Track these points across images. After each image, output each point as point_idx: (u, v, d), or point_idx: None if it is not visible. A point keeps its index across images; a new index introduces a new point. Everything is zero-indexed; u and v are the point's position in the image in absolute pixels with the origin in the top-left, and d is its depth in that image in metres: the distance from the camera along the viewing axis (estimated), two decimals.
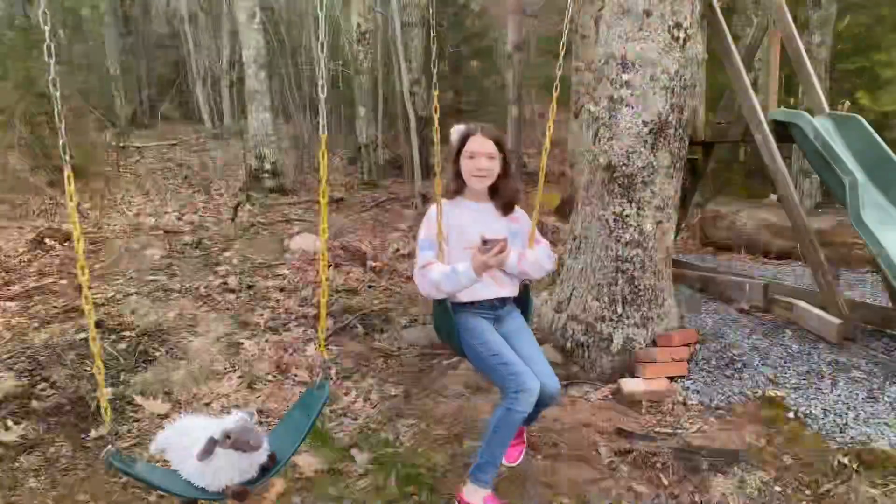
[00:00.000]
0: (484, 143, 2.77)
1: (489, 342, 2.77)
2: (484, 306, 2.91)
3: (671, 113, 3.70)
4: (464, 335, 2.84)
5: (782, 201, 4.56)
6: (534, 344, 2.94)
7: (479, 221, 2.83)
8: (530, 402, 2.63)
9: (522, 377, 2.63)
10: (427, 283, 2.71)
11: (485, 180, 2.82)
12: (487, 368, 2.79)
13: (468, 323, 2.86)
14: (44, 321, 4.86)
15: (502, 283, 2.93)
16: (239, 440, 2.16)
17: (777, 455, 3.26)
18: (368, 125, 12.58)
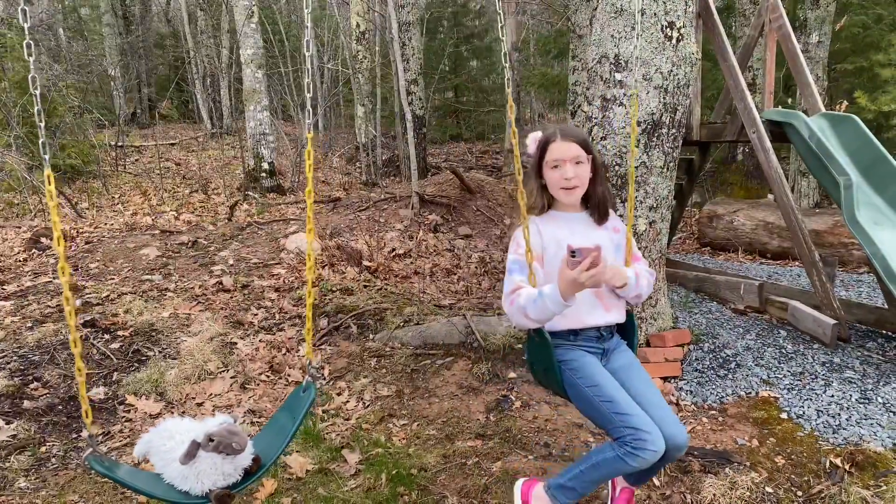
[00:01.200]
0: (568, 147, 2.41)
1: (601, 385, 2.34)
2: (589, 337, 2.50)
3: (664, 112, 3.68)
4: (566, 373, 2.43)
5: (777, 201, 4.55)
6: (649, 382, 2.49)
7: (577, 233, 2.45)
8: (650, 461, 2.21)
9: (645, 434, 2.19)
10: (515, 310, 2.29)
11: (576, 191, 2.45)
12: (597, 416, 2.36)
13: (571, 357, 2.45)
14: (37, 320, 4.86)
15: (611, 307, 2.52)
16: (222, 443, 2.14)
17: (769, 456, 3.24)
18: (367, 125, 12.57)
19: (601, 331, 2.52)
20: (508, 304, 2.33)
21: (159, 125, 17.67)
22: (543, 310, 2.20)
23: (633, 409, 2.26)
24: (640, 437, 2.19)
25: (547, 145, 2.44)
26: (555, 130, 2.47)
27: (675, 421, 2.35)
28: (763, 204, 8.02)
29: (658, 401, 2.40)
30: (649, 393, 2.42)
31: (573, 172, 2.40)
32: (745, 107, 4.66)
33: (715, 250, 7.92)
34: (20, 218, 8.88)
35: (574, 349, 2.47)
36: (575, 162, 2.41)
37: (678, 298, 4.78)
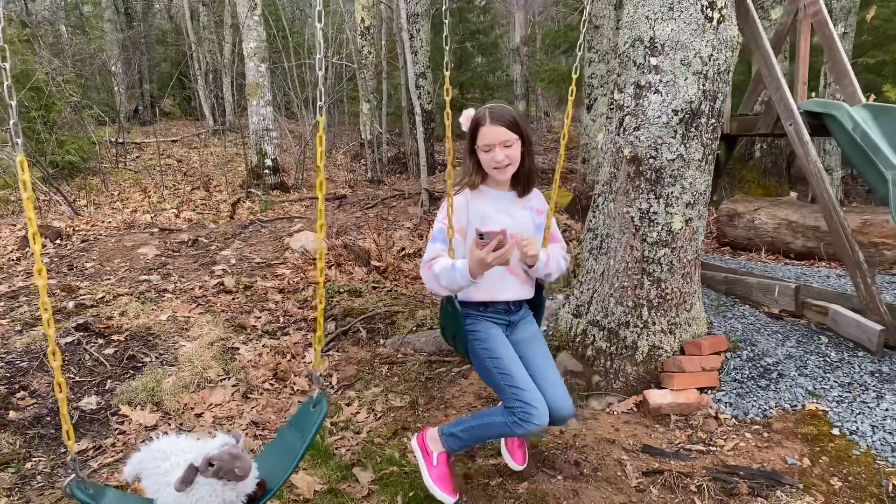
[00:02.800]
0: (496, 132, 2.52)
1: (501, 358, 2.55)
2: (499, 309, 2.69)
3: (704, 100, 3.38)
4: (472, 341, 2.64)
5: (817, 197, 4.25)
6: (548, 358, 2.72)
7: (502, 211, 2.63)
8: (532, 432, 2.48)
9: (532, 409, 2.42)
10: (431, 276, 2.48)
11: (507, 170, 2.59)
12: (494, 385, 2.59)
13: (478, 328, 2.65)
14: (27, 324, 4.57)
15: (523, 282, 2.70)
16: (223, 468, 1.87)
17: (824, 477, 2.95)
18: (372, 121, 12.28)
19: (510, 304, 2.70)
20: (426, 269, 2.50)
21: (161, 122, 17.42)
22: (453, 281, 2.39)
23: (527, 385, 2.47)
24: (528, 412, 2.41)
25: (477, 129, 2.56)
26: (484, 113, 2.56)
27: (565, 395, 2.59)
28: (785, 202, 7.72)
29: (552, 376, 2.62)
30: (545, 367, 2.64)
31: (502, 155, 2.53)
32: (780, 97, 4.36)
33: (735, 250, 7.61)
34: (16, 216, 8.61)
35: (482, 320, 2.65)
36: (504, 145, 2.53)
37: (709, 302, 4.48)
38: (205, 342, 4.46)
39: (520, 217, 2.67)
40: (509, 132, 2.53)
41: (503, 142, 2.53)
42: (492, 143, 2.52)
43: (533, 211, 2.73)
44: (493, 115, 2.54)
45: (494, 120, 2.53)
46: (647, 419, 3.48)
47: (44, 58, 12.16)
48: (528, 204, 2.72)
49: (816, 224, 6.80)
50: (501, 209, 2.63)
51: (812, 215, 6.94)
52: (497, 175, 2.59)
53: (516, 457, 3.00)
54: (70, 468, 1.78)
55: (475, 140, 2.57)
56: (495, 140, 2.52)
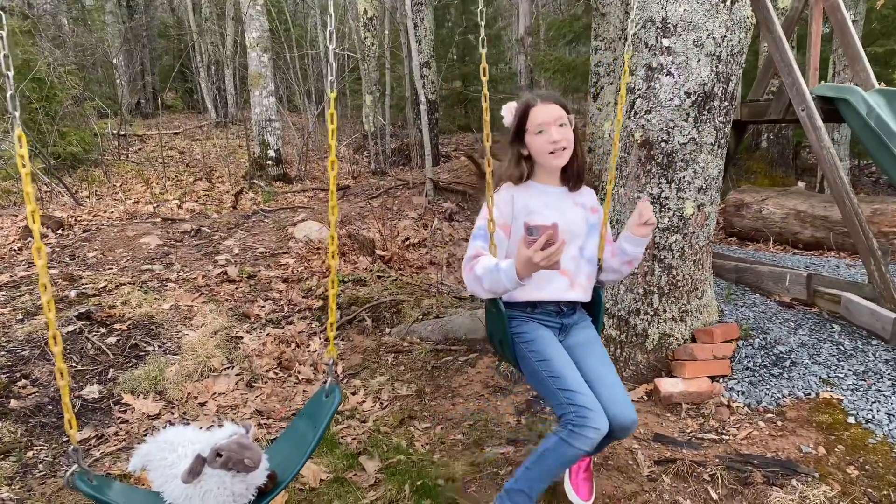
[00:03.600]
0: (550, 109, 2.30)
1: (551, 360, 2.26)
2: (548, 311, 2.41)
3: (717, 83, 3.31)
4: (519, 346, 2.36)
5: (829, 184, 4.18)
6: (606, 362, 2.40)
7: (552, 206, 2.36)
8: (592, 441, 2.12)
9: (587, 412, 2.12)
10: (472, 278, 2.20)
11: (564, 154, 2.33)
12: (544, 391, 2.29)
13: (525, 329, 2.37)
14: (29, 312, 4.52)
15: (576, 285, 2.41)
16: (232, 459, 1.80)
17: (840, 466, 2.88)
18: (375, 113, 12.21)
19: (560, 306, 2.43)
20: (467, 269, 2.24)
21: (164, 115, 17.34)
22: (497, 283, 2.11)
23: (580, 388, 2.19)
24: (582, 415, 2.12)
25: (527, 111, 2.35)
26: (532, 96, 2.37)
27: (625, 401, 2.27)
28: (793, 192, 7.64)
29: (610, 380, 2.32)
30: (601, 371, 2.34)
31: (559, 135, 2.31)
32: (793, 82, 4.29)
33: (742, 240, 7.55)
34: (18, 206, 8.55)
35: (529, 321, 2.40)
36: (559, 124, 2.31)
37: (719, 290, 4.42)
38: (208, 331, 4.40)
39: (571, 214, 2.40)
40: (562, 110, 2.32)
41: (557, 119, 2.30)
42: (546, 122, 2.29)
43: (586, 209, 2.46)
44: (542, 96, 2.35)
45: (545, 99, 2.33)
46: (658, 408, 3.43)
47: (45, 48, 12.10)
48: (579, 200, 2.46)
49: (825, 214, 6.73)
50: (551, 204, 2.37)
51: (820, 205, 6.87)
52: (553, 161, 2.33)
53: (581, 490, 2.61)
54: (72, 459, 1.72)
55: (524, 125, 2.34)
56: (550, 118, 2.29)
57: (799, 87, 4.25)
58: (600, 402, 2.18)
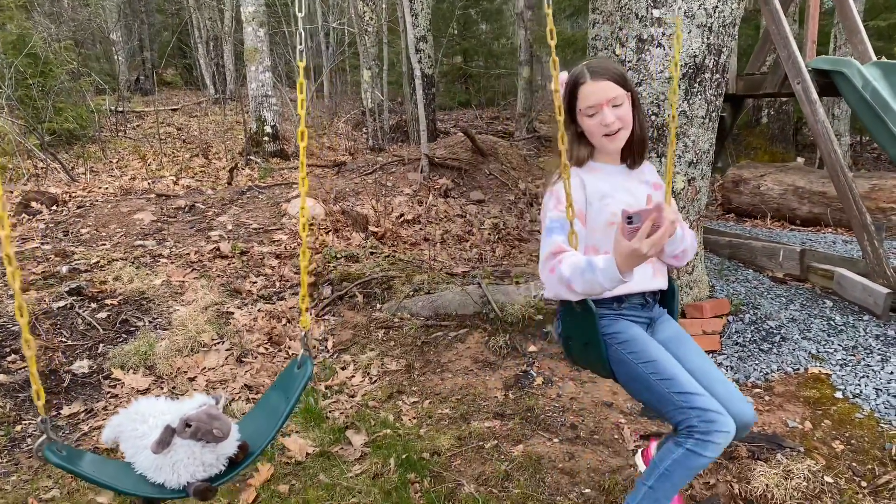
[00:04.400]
0: (602, 88, 2.02)
1: (657, 361, 1.99)
2: (634, 305, 2.16)
3: (708, 55, 3.26)
4: (613, 349, 2.07)
5: (824, 158, 4.14)
6: (705, 356, 2.16)
7: (621, 188, 2.11)
8: (723, 446, 1.90)
9: (713, 415, 1.88)
10: (556, 279, 1.91)
11: (620, 135, 2.07)
12: (657, 399, 1.99)
13: (617, 329, 2.09)
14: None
15: (657, 271, 2.18)
16: (201, 429, 1.79)
17: (826, 441, 2.88)
18: (374, 89, 12.11)
19: (647, 297, 2.17)
20: (548, 271, 1.93)
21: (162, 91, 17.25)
22: (593, 284, 1.82)
23: (697, 388, 1.93)
24: (709, 419, 1.86)
25: (576, 90, 2.05)
26: (582, 70, 2.06)
27: (741, 397, 2.04)
28: (792, 168, 7.59)
29: (718, 375, 2.07)
30: (707, 367, 2.08)
31: (613, 116, 2.02)
32: (789, 55, 4.23)
33: (740, 216, 7.51)
34: (13, 182, 8.52)
35: (620, 319, 2.10)
36: (613, 104, 2.02)
37: (712, 265, 4.39)
38: (199, 306, 4.39)
39: (639, 193, 2.11)
40: (617, 87, 2.03)
41: (611, 100, 2.02)
42: (598, 104, 2.02)
43: (650, 185, 2.20)
44: (593, 70, 2.05)
45: (596, 75, 2.03)
46: None
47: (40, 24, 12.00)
48: (642, 178, 2.21)
49: (823, 190, 6.68)
50: (619, 186, 2.12)
51: (819, 181, 6.82)
52: (608, 144, 2.08)
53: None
54: (40, 430, 1.70)
55: (575, 104, 2.07)
56: (601, 98, 2.02)
57: (795, 61, 4.19)
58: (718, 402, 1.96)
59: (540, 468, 2.81)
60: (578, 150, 2.13)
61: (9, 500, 2.74)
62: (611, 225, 2.03)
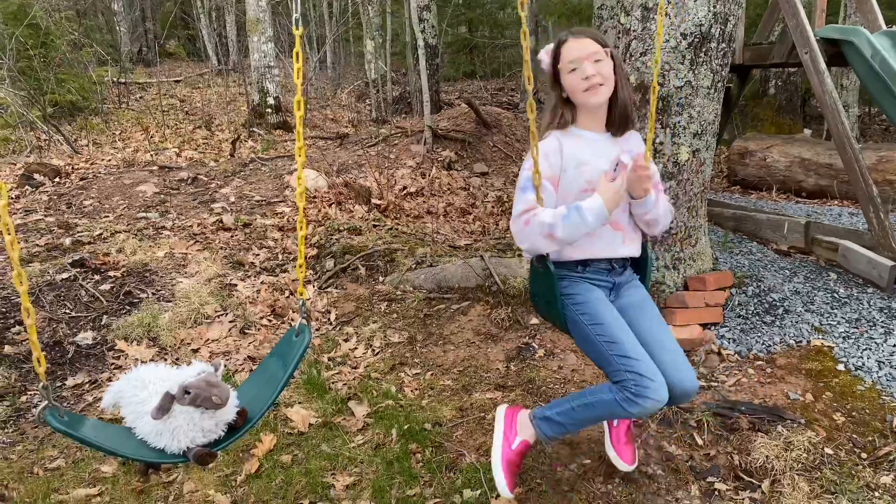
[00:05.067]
0: (582, 44, 2.12)
1: (606, 324, 2.12)
2: (599, 269, 2.26)
3: (714, 23, 3.21)
4: (570, 308, 2.20)
5: (831, 129, 4.09)
6: (660, 321, 2.26)
7: (601, 155, 2.19)
8: (649, 411, 2.03)
9: (647, 381, 2.00)
10: (533, 229, 2.06)
11: (601, 90, 2.13)
12: (598, 357, 2.15)
13: (576, 291, 2.21)
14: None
15: (629, 240, 2.28)
16: (200, 396, 1.81)
17: (827, 413, 2.89)
18: (377, 60, 12.00)
19: (613, 263, 2.28)
20: (522, 223, 2.09)
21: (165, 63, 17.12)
22: (578, 226, 2.04)
23: (639, 354, 2.07)
24: (643, 384, 2.00)
25: (559, 49, 2.17)
26: (562, 34, 2.21)
27: (686, 366, 2.15)
28: (799, 139, 7.50)
29: (669, 343, 2.19)
30: (659, 334, 2.21)
31: (593, 69, 2.11)
32: (797, 24, 4.16)
33: (746, 189, 7.44)
34: (16, 154, 8.51)
35: (581, 282, 2.24)
36: (593, 60, 2.12)
37: (716, 238, 4.37)
38: (202, 278, 4.40)
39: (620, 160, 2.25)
40: (597, 44, 2.13)
41: (591, 54, 2.11)
42: (578, 58, 2.11)
43: (628, 151, 2.27)
44: (574, 32, 2.17)
45: (577, 34, 2.16)
46: None
47: None
48: (626, 146, 2.27)
49: (830, 162, 6.62)
50: (599, 153, 2.19)
51: (826, 153, 6.75)
52: (590, 98, 2.14)
53: (624, 454, 2.49)
54: (42, 396, 1.72)
55: (558, 63, 2.16)
56: (582, 53, 2.11)
57: (803, 30, 4.12)
58: (660, 368, 2.06)
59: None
60: (562, 114, 2.23)
61: (15, 469, 2.77)
62: (584, 192, 2.15)
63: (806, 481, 2.51)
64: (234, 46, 16.35)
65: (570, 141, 2.19)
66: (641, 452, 2.71)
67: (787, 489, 2.48)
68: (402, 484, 2.60)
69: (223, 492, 2.60)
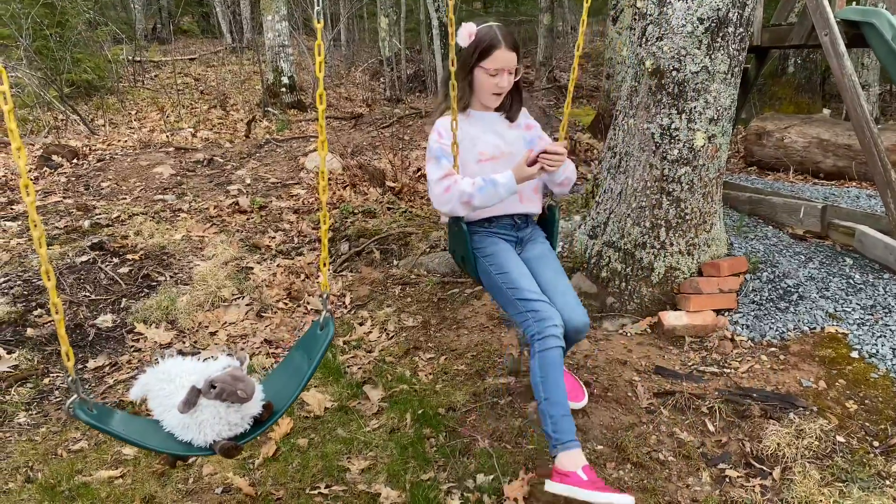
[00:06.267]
0: (510, 58, 2.44)
1: (510, 272, 2.45)
2: (504, 225, 2.61)
3: (731, 7, 3.17)
4: (481, 260, 2.53)
5: (849, 112, 4.04)
6: (559, 271, 2.60)
7: (490, 131, 2.58)
8: (558, 333, 2.31)
9: (542, 314, 2.31)
10: (453, 195, 2.38)
11: (502, 96, 2.54)
12: (504, 301, 2.48)
13: (486, 245, 2.55)
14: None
15: (525, 199, 2.62)
16: (225, 391, 1.85)
17: (839, 400, 2.89)
18: (391, 37, 11.93)
19: (515, 219, 2.62)
20: (443, 189, 2.40)
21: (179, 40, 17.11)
22: (492, 196, 2.38)
23: (537, 296, 2.37)
24: (540, 318, 2.30)
25: (491, 51, 2.41)
26: (497, 35, 2.42)
27: (577, 303, 2.47)
28: (817, 119, 7.41)
29: (564, 288, 2.51)
30: (555, 280, 2.53)
31: (507, 82, 2.47)
32: (817, 5, 4.09)
33: (762, 170, 7.38)
34: (34, 135, 8.58)
35: (490, 236, 2.57)
36: (509, 72, 2.46)
37: (731, 222, 4.35)
38: (219, 261, 4.46)
39: (509, 136, 2.61)
40: (517, 59, 2.46)
41: (511, 69, 2.46)
42: (503, 69, 2.44)
43: (521, 127, 2.66)
44: (507, 40, 2.43)
45: (509, 45, 2.43)
46: (660, 341, 3.43)
47: None
48: (515, 122, 2.66)
49: (849, 143, 6.54)
50: (489, 129, 2.58)
51: (845, 133, 6.67)
52: (493, 102, 2.54)
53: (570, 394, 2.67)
54: (71, 390, 1.77)
55: (481, 60, 2.44)
56: (508, 65, 2.44)
57: (823, 11, 4.06)
58: (556, 309, 2.37)
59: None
60: (466, 99, 2.53)
61: (39, 450, 2.84)
62: (479, 162, 2.51)
63: (817, 469, 2.53)
64: (248, 24, 16.29)
65: (465, 120, 2.52)
66: (653, 438, 2.74)
67: (798, 477, 2.50)
68: (416, 468, 2.64)
69: (241, 475, 2.66)
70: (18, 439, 2.93)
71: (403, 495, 2.50)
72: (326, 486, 2.59)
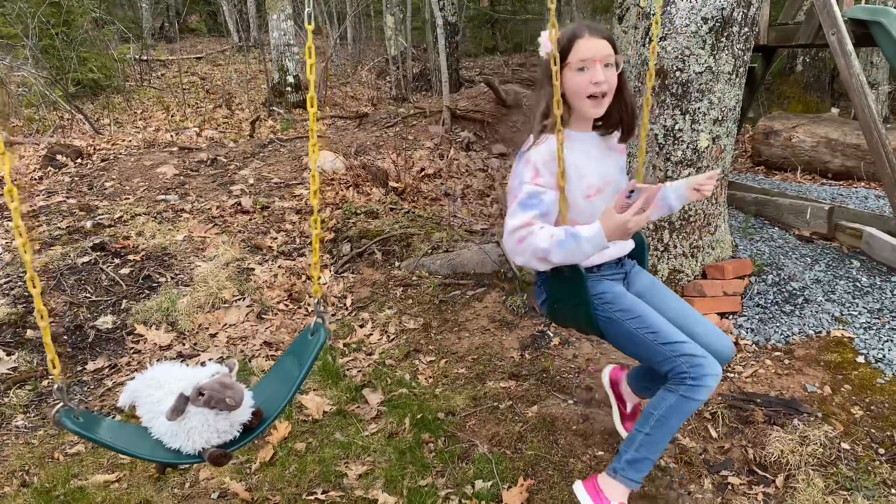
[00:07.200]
0: (598, 45, 1.97)
1: (643, 316, 2.07)
2: (610, 265, 2.22)
3: (736, 7, 3.12)
4: (600, 309, 2.12)
5: (857, 112, 3.99)
6: (679, 299, 2.28)
7: (593, 158, 2.11)
8: (713, 388, 1.99)
9: (700, 360, 1.97)
10: (525, 249, 1.95)
11: (604, 101, 2.02)
12: (643, 351, 2.09)
13: (603, 291, 2.14)
14: (46, 243, 4.59)
15: None
16: (213, 398, 1.82)
17: (845, 406, 2.85)
18: (397, 36, 11.89)
19: (622, 258, 2.27)
20: (515, 241, 1.97)
21: (186, 39, 17.15)
22: (576, 253, 1.93)
23: (681, 336, 2.03)
24: (697, 364, 1.97)
25: (572, 43, 1.98)
26: (580, 25, 2.01)
27: (719, 332, 2.18)
28: (825, 119, 7.34)
29: (695, 316, 2.21)
30: (685, 310, 2.22)
31: (604, 75, 1.97)
32: (824, 3, 4.04)
33: (770, 170, 7.31)
34: (40, 134, 8.59)
35: (602, 280, 2.18)
36: (605, 63, 1.98)
37: (737, 224, 4.31)
38: (220, 262, 4.43)
39: (609, 162, 2.18)
40: (611, 48, 1.99)
41: (605, 57, 1.97)
42: (591, 59, 1.95)
43: (616, 151, 2.22)
44: (591, 28, 2.00)
45: (594, 32, 1.99)
46: None
47: None
48: (610, 143, 2.19)
49: (858, 142, 6.47)
50: (592, 156, 2.11)
51: (853, 132, 6.60)
52: (590, 109, 2.03)
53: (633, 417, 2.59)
54: (57, 398, 1.74)
55: (565, 58, 1.97)
56: (597, 54, 1.96)
57: (830, 10, 4.01)
58: (698, 342, 2.05)
59: (554, 430, 2.82)
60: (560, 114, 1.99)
61: (36, 454, 2.83)
62: (587, 198, 2.08)
63: (821, 477, 2.48)
64: (255, 22, 16.30)
65: (567, 144, 1.98)
66: None
67: (802, 485, 2.45)
68: (414, 474, 2.61)
69: (238, 479, 2.64)
70: (15, 442, 2.92)
71: (401, 501, 2.48)
72: (323, 491, 2.56)
